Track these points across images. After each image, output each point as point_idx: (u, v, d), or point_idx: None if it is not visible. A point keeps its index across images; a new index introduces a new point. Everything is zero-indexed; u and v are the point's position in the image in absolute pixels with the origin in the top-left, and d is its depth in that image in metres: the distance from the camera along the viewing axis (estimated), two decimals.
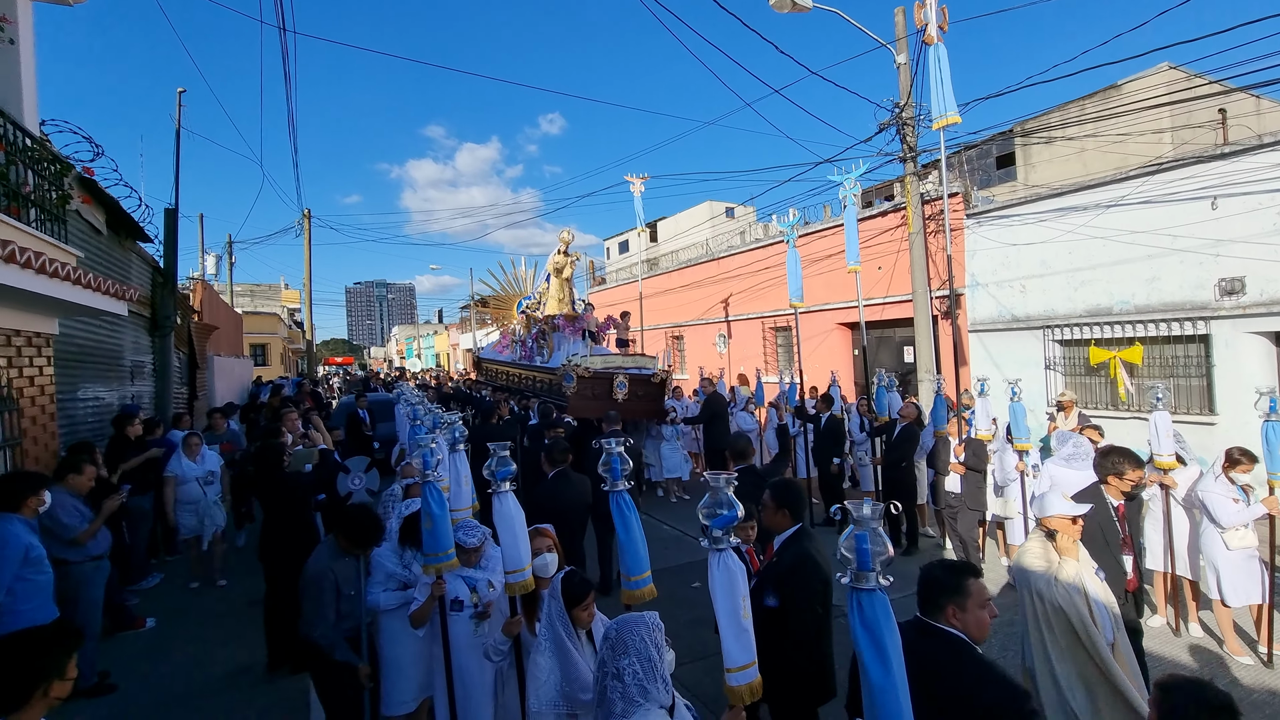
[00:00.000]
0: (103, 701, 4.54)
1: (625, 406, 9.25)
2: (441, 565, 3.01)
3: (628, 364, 9.81)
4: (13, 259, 3.65)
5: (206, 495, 6.56)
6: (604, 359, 9.76)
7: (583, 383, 9.19)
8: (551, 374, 10.23)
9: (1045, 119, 14.29)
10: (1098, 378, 9.46)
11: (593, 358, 9.60)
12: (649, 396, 9.66)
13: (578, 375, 9.14)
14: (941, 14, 5.75)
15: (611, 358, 9.96)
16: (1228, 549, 4.58)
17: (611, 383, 9.25)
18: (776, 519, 3.16)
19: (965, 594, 2.24)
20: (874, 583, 1.73)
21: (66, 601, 4.29)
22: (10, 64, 4.74)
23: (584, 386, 9.20)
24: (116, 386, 8.04)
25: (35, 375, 5.14)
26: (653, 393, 9.69)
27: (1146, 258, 8.61)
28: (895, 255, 11.87)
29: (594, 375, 9.28)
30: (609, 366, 9.55)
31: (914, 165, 10.45)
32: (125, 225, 8.26)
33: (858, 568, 1.73)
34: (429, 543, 2.98)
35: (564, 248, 11.57)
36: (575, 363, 9.25)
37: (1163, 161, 8.76)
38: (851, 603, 1.76)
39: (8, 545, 3.73)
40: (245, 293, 37.45)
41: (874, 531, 1.74)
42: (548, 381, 10.48)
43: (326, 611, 3.22)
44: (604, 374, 9.34)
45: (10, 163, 4.52)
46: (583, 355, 9.63)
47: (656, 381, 9.70)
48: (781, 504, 3.16)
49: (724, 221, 31.38)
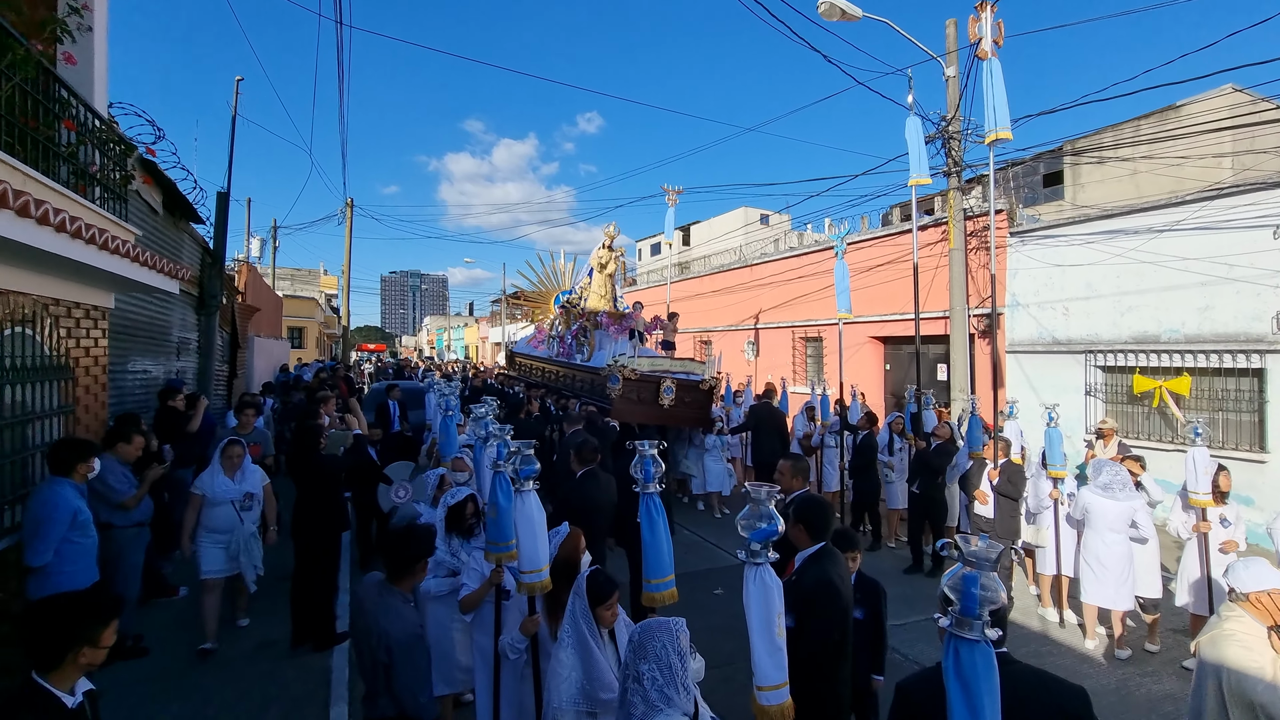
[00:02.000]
0: (135, 664, 4.71)
1: (670, 413, 8.86)
2: (503, 555, 3.04)
3: (675, 368, 9.28)
4: (79, 235, 3.81)
5: (244, 524, 5.00)
6: (651, 361, 9.23)
7: (628, 385, 8.65)
8: (593, 374, 9.80)
9: (1098, 138, 13.90)
10: (1140, 407, 9.16)
11: (640, 359, 9.08)
12: (695, 404, 9.13)
13: (624, 377, 8.59)
14: (997, 28, 5.64)
15: (659, 360, 9.42)
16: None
17: (658, 387, 8.73)
18: (794, 533, 3.12)
19: None
20: (979, 633, 1.54)
21: (108, 565, 4.46)
22: (86, 49, 4.96)
23: (629, 389, 8.68)
24: (163, 361, 8.34)
25: (91, 346, 5.35)
26: (700, 400, 9.15)
27: (1200, 285, 8.32)
28: (933, 271, 11.66)
29: (640, 378, 8.73)
30: (656, 370, 9.00)
31: (958, 180, 10.26)
32: (180, 206, 8.56)
33: (961, 612, 1.56)
34: (493, 532, 3.01)
35: (608, 243, 11.28)
36: (622, 364, 8.72)
37: (1223, 186, 8.46)
38: (948, 650, 1.60)
39: (58, 508, 3.88)
40: (285, 276, 38.43)
41: (989, 574, 1.56)
42: (589, 381, 10.03)
43: (427, 680, 2.93)
44: (651, 377, 8.80)
45: (80, 143, 4.72)
46: (629, 356, 9.09)
47: (704, 389, 9.15)
48: (799, 519, 3.10)
49: (758, 228, 31.21)
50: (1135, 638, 5.35)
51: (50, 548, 3.83)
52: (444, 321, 72.26)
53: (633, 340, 9.66)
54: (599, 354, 10.24)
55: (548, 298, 13.98)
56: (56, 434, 4.71)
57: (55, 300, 4.68)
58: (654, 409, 8.73)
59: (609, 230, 11.26)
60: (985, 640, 1.56)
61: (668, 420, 8.99)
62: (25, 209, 3.17)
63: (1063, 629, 5.60)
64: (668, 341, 10.73)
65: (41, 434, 4.50)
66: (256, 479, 5.19)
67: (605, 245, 11.29)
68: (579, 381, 10.58)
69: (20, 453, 4.21)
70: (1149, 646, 5.21)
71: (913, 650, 5.15)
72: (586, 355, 10.62)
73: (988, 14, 5.49)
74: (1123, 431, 8.91)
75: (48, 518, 3.84)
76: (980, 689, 1.55)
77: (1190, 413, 8.58)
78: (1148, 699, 4.53)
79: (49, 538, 3.83)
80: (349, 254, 23.18)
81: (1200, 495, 4.72)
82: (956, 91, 9.80)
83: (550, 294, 13.91)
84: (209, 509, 4.89)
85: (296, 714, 4.19)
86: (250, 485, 5.09)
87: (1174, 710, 4.38)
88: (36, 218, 3.31)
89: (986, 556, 1.58)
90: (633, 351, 9.39)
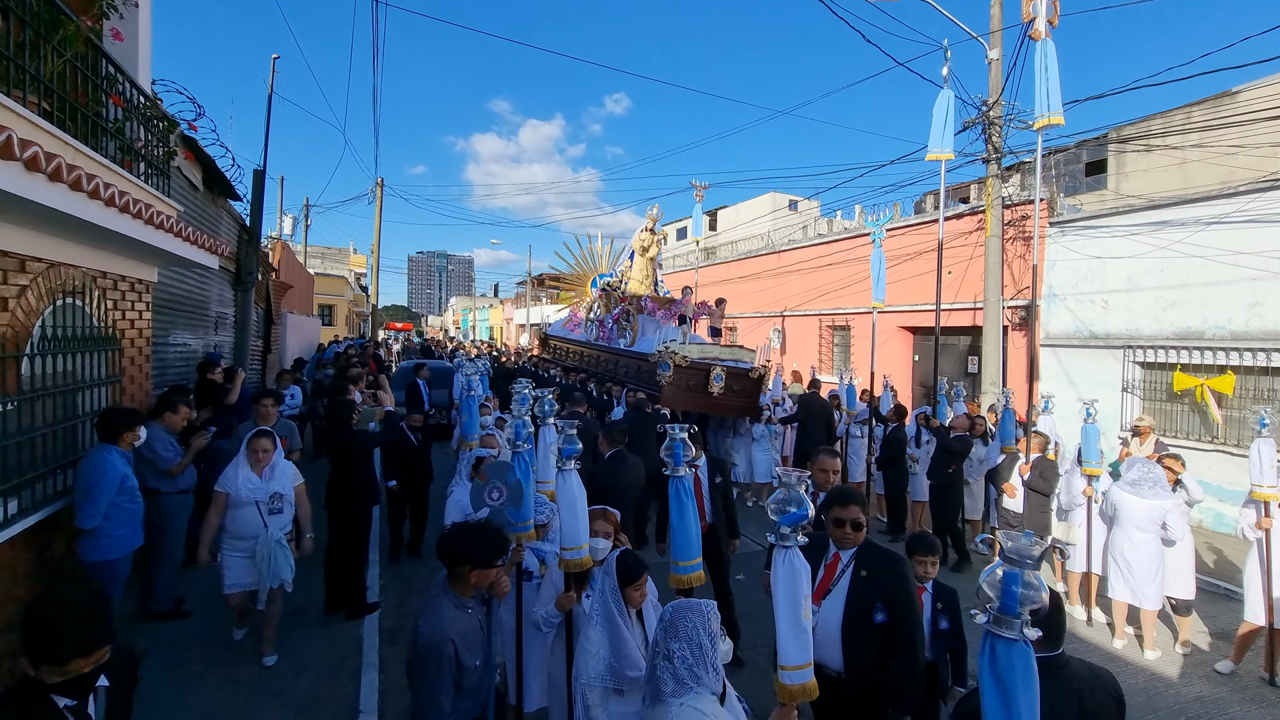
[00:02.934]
0: (177, 625, 4.91)
1: (720, 402, 8.68)
2: (522, 535, 3.09)
3: (725, 356, 9.05)
4: (127, 209, 3.92)
5: (269, 529, 4.33)
6: (700, 348, 9.02)
7: (679, 372, 8.43)
8: (639, 359, 9.59)
9: (1146, 125, 13.37)
10: (1180, 405, 8.90)
11: (690, 346, 8.90)
12: (744, 392, 8.89)
13: (674, 364, 8.36)
14: (1053, 6, 5.43)
15: (709, 348, 9.21)
16: None
17: (708, 375, 8.53)
18: None
19: None
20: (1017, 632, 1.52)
21: (153, 529, 4.65)
22: (131, 26, 5.06)
23: (680, 376, 8.46)
24: (202, 334, 8.57)
25: (135, 319, 5.52)
26: (749, 388, 8.93)
27: (1250, 281, 8.01)
28: (968, 261, 11.40)
29: (690, 365, 8.54)
30: (705, 357, 8.81)
31: (998, 166, 9.98)
32: (219, 183, 8.73)
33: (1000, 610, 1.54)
34: (512, 512, 3.04)
35: (651, 225, 11.02)
36: (673, 350, 8.51)
37: (1278, 177, 8.09)
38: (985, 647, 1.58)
39: (106, 474, 4.06)
40: (316, 254, 39.07)
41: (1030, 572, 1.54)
42: (634, 367, 9.77)
43: (442, 698, 2.46)
44: (700, 364, 8.60)
45: (126, 119, 4.83)
46: (680, 343, 8.89)
47: (754, 377, 8.93)
48: None
49: (785, 215, 30.76)
50: (1166, 638, 5.25)
51: (99, 511, 4.01)
52: (469, 302, 72.88)
53: (682, 326, 9.40)
54: (643, 339, 10.09)
55: (584, 280, 13.77)
56: (103, 403, 4.88)
57: (103, 273, 4.82)
58: (704, 397, 8.56)
59: (652, 213, 10.98)
60: (1024, 640, 1.53)
61: (717, 409, 8.79)
62: (78, 183, 3.26)
63: (1090, 627, 5.52)
64: (715, 328, 10.44)
65: (90, 402, 4.67)
66: (288, 478, 4.54)
67: (648, 228, 11.06)
68: (623, 367, 10.39)
69: (71, 420, 4.38)
70: (1179, 649, 5.11)
71: None
72: (630, 340, 10.46)
73: None
74: (1160, 430, 8.67)
75: (97, 483, 4.01)
76: (1016, 689, 1.53)
77: (1233, 411, 8.31)
78: (1176, 701, 4.45)
79: (98, 502, 4.00)
80: (379, 233, 23.43)
81: (1265, 489, 4.42)
82: (1000, 74, 9.50)
83: (587, 277, 13.67)
84: (232, 511, 4.27)
85: (329, 679, 4.33)
86: (280, 485, 4.43)
87: (1202, 713, 4.30)
88: (88, 192, 3.41)
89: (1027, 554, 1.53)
90: (682, 338, 9.17)
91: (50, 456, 4.12)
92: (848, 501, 2.89)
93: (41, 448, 4.00)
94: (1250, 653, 4.82)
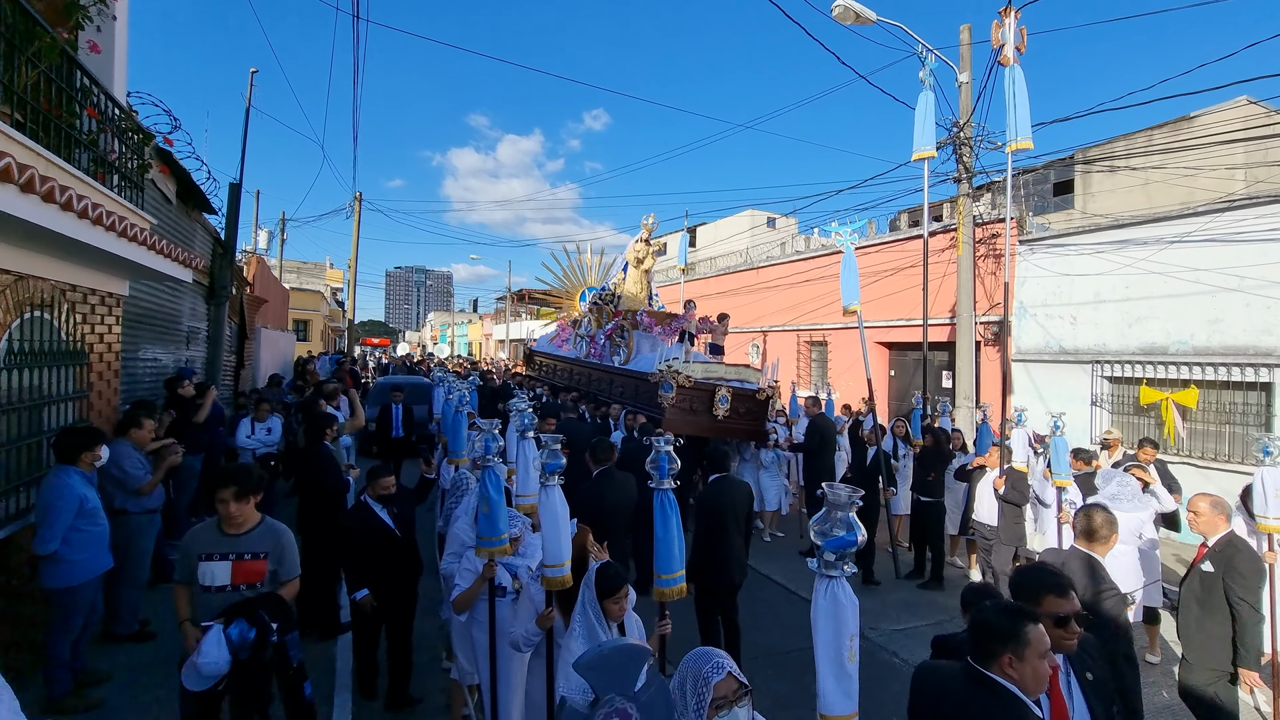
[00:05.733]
0: (143, 647, 4.76)
1: (725, 425, 8.10)
2: (495, 550, 3.04)
3: (730, 375, 8.47)
4: (99, 221, 3.86)
5: None
6: (705, 367, 8.43)
7: (682, 393, 7.84)
8: (636, 378, 8.91)
9: (1110, 147, 13.88)
10: (1147, 418, 9.14)
11: (694, 364, 8.30)
12: (750, 415, 8.34)
13: (677, 384, 7.76)
14: (1020, 34, 5.64)
15: (713, 366, 8.62)
16: None
17: (713, 396, 7.97)
18: None
19: (1024, 643, 1.97)
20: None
21: (118, 549, 4.50)
22: (108, 38, 5.01)
23: (683, 398, 7.87)
24: (173, 349, 8.40)
25: (105, 333, 5.41)
26: (755, 410, 8.39)
27: (1210, 297, 8.30)
28: (941, 279, 11.66)
29: (695, 385, 7.93)
30: (710, 376, 8.21)
31: (968, 186, 10.25)
32: (193, 196, 8.62)
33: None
34: (484, 526, 3.01)
35: (645, 235, 10.41)
36: (676, 369, 7.87)
37: (1235, 198, 8.44)
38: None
39: (63, 496, 3.89)
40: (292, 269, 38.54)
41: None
42: (631, 387, 9.08)
43: None
44: (705, 385, 8.03)
45: (101, 131, 4.77)
46: (681, 361, 8.26)
47: (761, 399, 8.40)
48: None
49: (764, 231, 31.18)
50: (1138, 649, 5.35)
51: (56, 535, 3.84)
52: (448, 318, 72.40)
53: (684, 343, 8.74)
54: (640, 357, 9.49)
55: (573, 294, 13.12)
56: (70, 419, 4.76)
57: (72, 286, 4.73)
58: (708, 420, 8.00)
59: (647, 222, 10.42)
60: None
61: (721, 433, 8.16)
62: (50, 194, 3.21)
63: None
64: (716, 345, 9.81)
65: (55, 418, 4.55)
66: None
67: (642, 239, 10.48)
68: (617, 386, 9.71)
69: (35, 436, 4.26)
70: (1149, 658, 5.21)
71: (913, 655, 5.17)
72: (625, 358, 9.78)
73: (1011, 20, 5.49)
74: (1127, 442, 8.90)
75: (52, 506, 3.86)
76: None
77: (1197, 425, 8.56)
78: (1148, 710, 4.52)
79: (55, 525, 3.84)
80: (356, 248, 23.27)
81: (1270, 521, 4.17)
82: (970, 97, 9.80)
83: (576, 290, 13.03)
84: None
85: None
86: None
87: None
88: (60, 203, 3.36)
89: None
90: (684, 356, 8.53)
91: (13, 474, 3.99)
92: (1068, 589, 2.28)
93: (4, 465, 3.88)
94: None
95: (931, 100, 8.24)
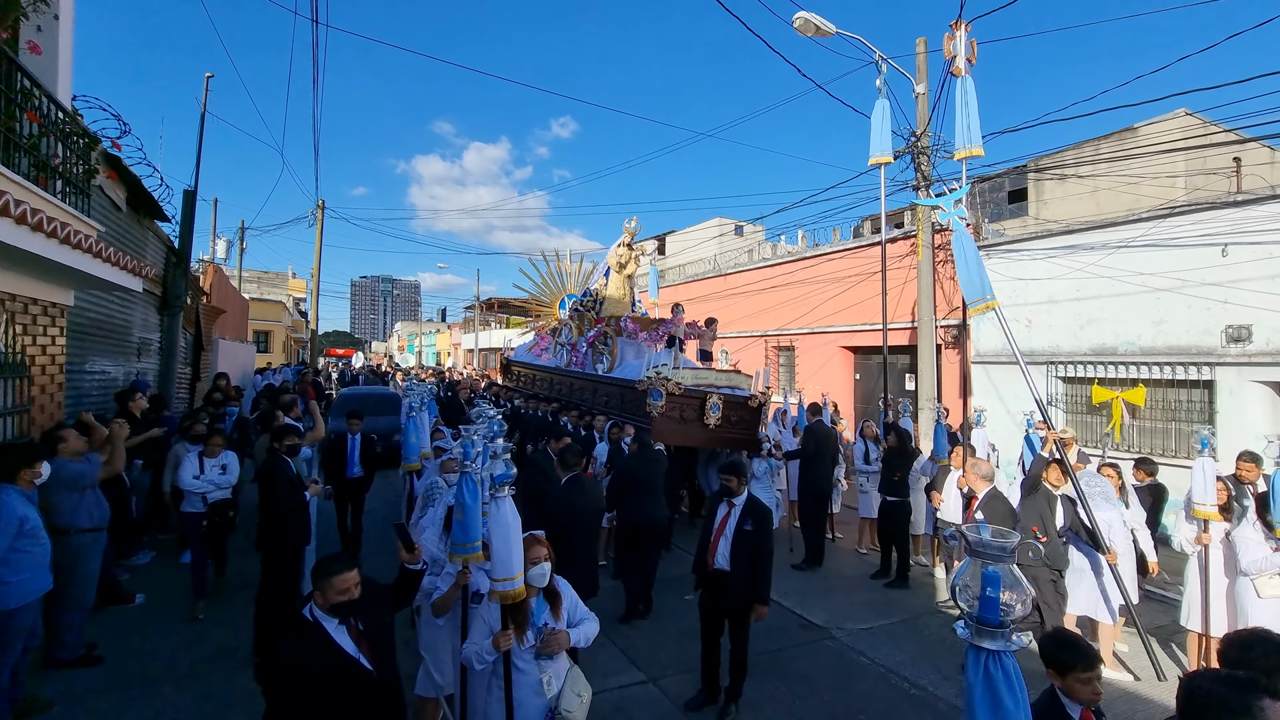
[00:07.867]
0: (91, 672, 4.54)
1: (716, 434, 7.77)
2: (469, 556, 2.99)
3: (721, 382, 8.01)
4: (40, 227, 3.70)
5: None
6: (695, 374, 7.99)
7: (671, 401, 7.47)
8: (621, 387, 8.60)
9: (1060, 156, 14.42)
10: (1099, 416, 9.48)
11: (683, 371, 7.89)
12: (743, 423, 7.98)
13: (667, 392, 7.39)
14: (971, 46, 5.86)
15: (703, 373, 8.18)
16: (1258, 597, 4.30)
17: (704, 404, 7.61)
18: None
19: None
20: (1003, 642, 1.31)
21: (63, 571, 4.30)
22: (50, 39, 4.83)
23: (673, 406, 7.52)
24: (123, 362, 8.09)
25: (48, 345, 5.18)
26: (747, 419, 8.01)
27: (1154, 300, 8.66)
28: (902, 285, 11.94)
29: (685, 393, 7.54)
30: (701, 383, 7.78)
31: (927, 194, 10.53)
32: (145, 203, 8.34)
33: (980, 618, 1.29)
34: (458, 533, 2.96)
35: (628, 239, 10.06)
36: (665, 375, 7.52)
37: (1175, 205, 8.84)
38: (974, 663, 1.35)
39: (1, 516, 3.71)
40: (252, 279, 37.54)
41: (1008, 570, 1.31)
42: (616, 396, 8.79)
43: None
44: (696, 393, 7.63)
45: (42, 134, 4.59)
46: (671, 367, 7.87)
47: (753, 406, 8.01)
48: None
49: (732, 239, 31.52)
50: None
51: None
52: (415, 327, 71.26)
53: (672, 349, 8.36)
54: (624, 365, 9.12)
55: (552, 302, 12.74)
56: (9, 435, 4.54)
57: (11, 296, 4.53)
58: (699, 429, 7.67)
59: (629, 225, 10.05)
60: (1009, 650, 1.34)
61: (713, 442, 7.87)
62: None
63: None
64: (705, 351, 9.45)
65: None
66: None
67: (625, 243, 10.14)
68: (601, 395, 9.35)
69: None
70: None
71: (878, 654, 5.24)
72: (609, 365, 9.39)
73: (962, 33, 5.71)
74: (1081, 441, 9.21)
75: None
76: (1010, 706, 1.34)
77: (1146, 422, 8.91)
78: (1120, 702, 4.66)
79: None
80: (319, 257, 22.77)
81: (1206, 507, 4.52)
82: (926, 107, 10.09)
83: (555, 298, 12.66)
84: None
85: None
86: None
87: None
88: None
89: (1000, 546, 1.29)
90: (673, 362, 8.11)
91: None
92: None
93: None
94: None
95: (887, 107, 8.48)
